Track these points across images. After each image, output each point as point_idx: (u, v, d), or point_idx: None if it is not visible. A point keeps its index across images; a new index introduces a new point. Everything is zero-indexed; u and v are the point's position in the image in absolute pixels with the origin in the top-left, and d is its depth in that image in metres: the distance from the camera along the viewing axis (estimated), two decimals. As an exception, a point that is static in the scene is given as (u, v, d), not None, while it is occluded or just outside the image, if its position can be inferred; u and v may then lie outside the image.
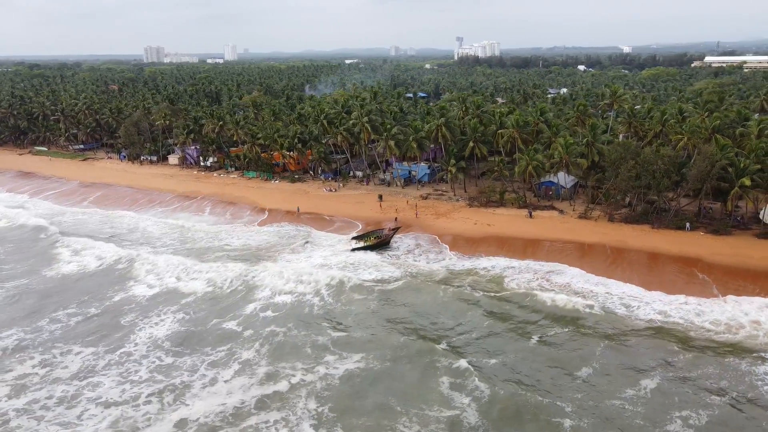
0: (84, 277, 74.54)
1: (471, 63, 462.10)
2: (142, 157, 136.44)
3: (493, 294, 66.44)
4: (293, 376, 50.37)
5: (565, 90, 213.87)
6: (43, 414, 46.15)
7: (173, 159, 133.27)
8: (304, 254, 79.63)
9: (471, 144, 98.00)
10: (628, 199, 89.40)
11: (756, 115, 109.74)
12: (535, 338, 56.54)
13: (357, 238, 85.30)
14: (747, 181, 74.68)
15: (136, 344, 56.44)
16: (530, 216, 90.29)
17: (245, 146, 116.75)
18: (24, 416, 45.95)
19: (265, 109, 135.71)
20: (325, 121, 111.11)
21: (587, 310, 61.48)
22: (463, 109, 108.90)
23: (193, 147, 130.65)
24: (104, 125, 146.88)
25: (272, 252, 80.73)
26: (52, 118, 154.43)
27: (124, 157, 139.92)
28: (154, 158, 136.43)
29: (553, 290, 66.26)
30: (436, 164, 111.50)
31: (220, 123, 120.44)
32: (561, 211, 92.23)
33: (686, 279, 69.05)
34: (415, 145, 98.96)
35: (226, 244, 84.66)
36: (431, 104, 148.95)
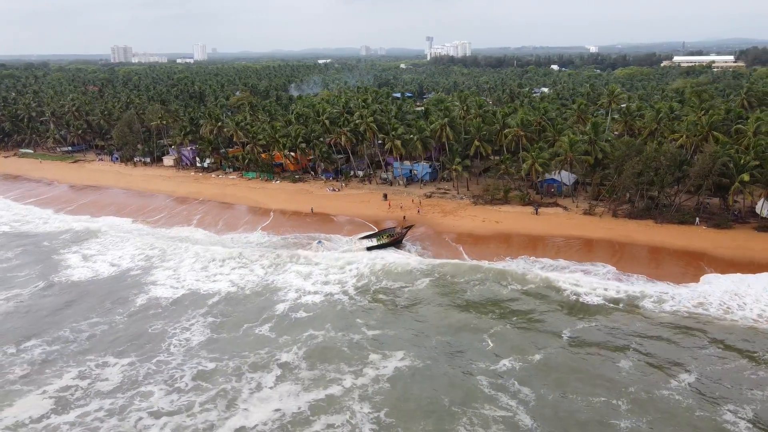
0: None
1: (446, 63, 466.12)
2: (135, 159, 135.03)
3: (519, 287, 67.94)
4: (342, 379, 50.58)
5: (545, 89, 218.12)
6: (97, 425, 45.82)
7: (168, 160, 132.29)
8: (325, 253, 79.81)
9: (476, 143, 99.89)
10: (628, 196, 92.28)
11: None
12: (567, 333, 57.73)
13: (369, 236, 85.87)
14: (746, 177, 78.05)
15: (170, 352, 56.23)
16: (536, 213, 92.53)
17: (246, 147, 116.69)
18: (77, 429, 45.55)
19: (259, 110, 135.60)
20: (327, 121, 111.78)
21: (613, 304, 63.26)
22: (464, 109, 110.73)
23: (189, 148, 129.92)
24: (95, 126, 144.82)
25: (293, 251, 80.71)
26: (40, 119, 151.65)
27: (117, 158, 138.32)
28: (147, 159, 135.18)
29: (578, 284, 67.83)
30: (437, 163, 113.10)
31: (219, 124, 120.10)
32: (565, 208, 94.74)
33: (695, 272, 71.50)
34: (420, 145, 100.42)
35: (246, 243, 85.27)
36: (418, 103, 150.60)
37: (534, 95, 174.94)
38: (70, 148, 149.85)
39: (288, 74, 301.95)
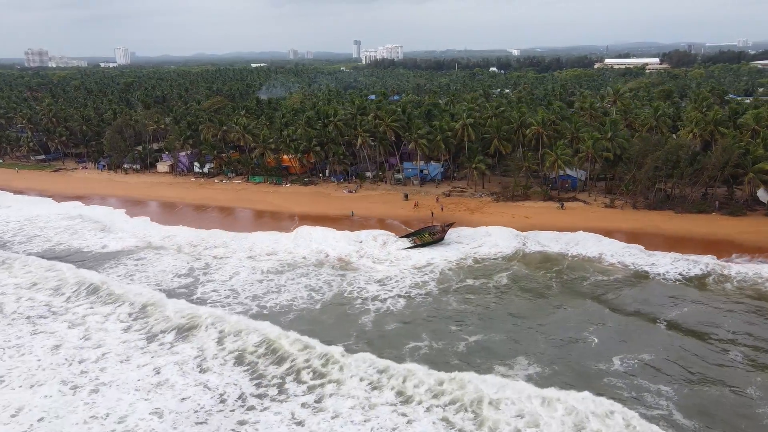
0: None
1: (387, 65, 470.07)
2: (125, 165, 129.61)
3: (602, 277, 70.15)
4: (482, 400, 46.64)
5: (507, 91, 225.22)
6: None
7: (163, 167, 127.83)
8: (387, 254, 79.61)
9: (495, 141, 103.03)
10: (640, 189, 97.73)
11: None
12: (674, 318, 59.84)
13: (410, 236, 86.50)
14: (766, 165, 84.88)
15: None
16: (562, 207, 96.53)
17: (255, 151, 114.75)
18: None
19: (254, 114, 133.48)
20: (340, 123, 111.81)
21: (691, 283, 67.81)
22: (475, 110, 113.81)
23: (185, 153, 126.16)
24: (77, 133, 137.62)
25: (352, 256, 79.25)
26: (18, 126, 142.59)
27: (103, 166, 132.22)
28: (137, 166, 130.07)
29: (656, 265, 72.49)
30: (445, 162, 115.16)
31: (224, 128, 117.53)
32: (584, 202, 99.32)
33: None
34: (443, 145, 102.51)
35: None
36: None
37: (509, 96, 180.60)
38: (43, 156, 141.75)
39: (239, 78, 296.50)
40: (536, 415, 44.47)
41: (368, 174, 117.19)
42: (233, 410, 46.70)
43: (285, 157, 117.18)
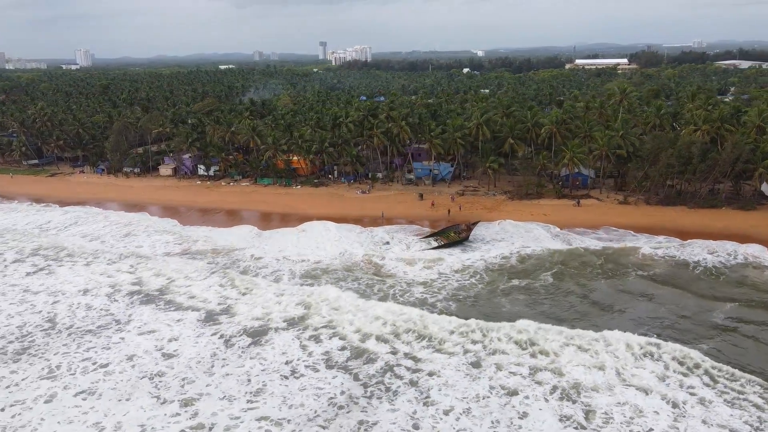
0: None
1: (360, 66, 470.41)
2: (126, 169, 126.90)
3: (658, 269, 71.75)
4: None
5: (486, 91, 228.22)
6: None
7: (165, 169, 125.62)
8: (411, 257, 78.75)
9: (510, 140, 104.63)
10: (653, 184, 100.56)
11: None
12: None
13: (434, 235, 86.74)
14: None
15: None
16: (578, 204, 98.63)
17: (266, 152, 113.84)
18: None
19: (257, 116, 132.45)
20: (351, 125, 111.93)
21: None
22: (487, 110, 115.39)
23: (188, 156, 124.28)
24: (73, 137, 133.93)
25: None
26: (10, 130, 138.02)
27: (102, 170, 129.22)
28: (138, 170, 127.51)
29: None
30: (452, 161, 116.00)
31: (232, 129, 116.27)
32: (598, 199, 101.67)
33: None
34: (460, 144, 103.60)
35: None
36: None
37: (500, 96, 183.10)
38: (36, 161, 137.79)
39: (223, 80, 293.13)
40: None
41: (378, 174, 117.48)
42: (349, 411, 45.10)
43: (294, 158, 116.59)
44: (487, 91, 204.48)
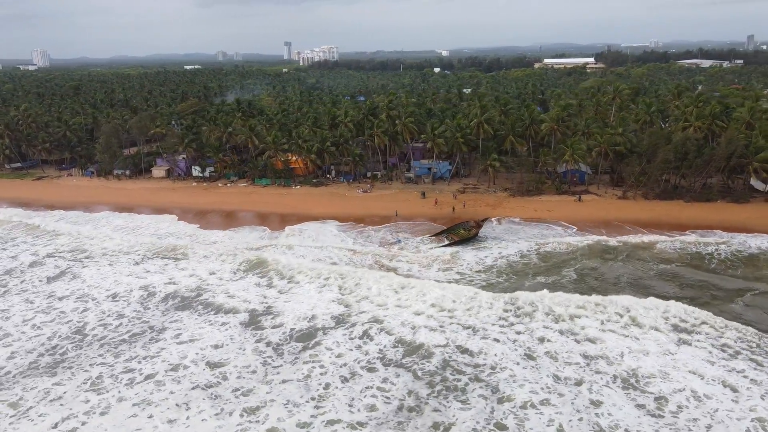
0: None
1: (330, 66, 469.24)
2: (116, 171, 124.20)
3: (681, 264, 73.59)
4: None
5: (467, 91, 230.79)
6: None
7: (159, 171, 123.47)
8: (427, 256, 79.14)
9: (511, 138, 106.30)
10: (650, 180, 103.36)
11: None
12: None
13: (443, 233, 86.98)
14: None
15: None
16: (580, 200, 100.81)
17: (265, 153, 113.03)
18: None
19: (248, 116, 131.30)
20: (351, 124, 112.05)
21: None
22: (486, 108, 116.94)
23: (181, 157, 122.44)
24: (60, 138, 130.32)
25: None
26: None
27: (92, 173, 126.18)
28: (128, 172, 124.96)
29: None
30: (450, 159, 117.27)
31: (229, 129, 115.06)
32: (597, 195, 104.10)
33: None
34: (462, 142, 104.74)
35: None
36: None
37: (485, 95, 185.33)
38: (20, 164, 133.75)
39: (194, 80, 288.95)
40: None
41: (377, 173, 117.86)
42: (421, 413, 44.74)
43: (293, 158, 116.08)
44: (469, 90, 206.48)
